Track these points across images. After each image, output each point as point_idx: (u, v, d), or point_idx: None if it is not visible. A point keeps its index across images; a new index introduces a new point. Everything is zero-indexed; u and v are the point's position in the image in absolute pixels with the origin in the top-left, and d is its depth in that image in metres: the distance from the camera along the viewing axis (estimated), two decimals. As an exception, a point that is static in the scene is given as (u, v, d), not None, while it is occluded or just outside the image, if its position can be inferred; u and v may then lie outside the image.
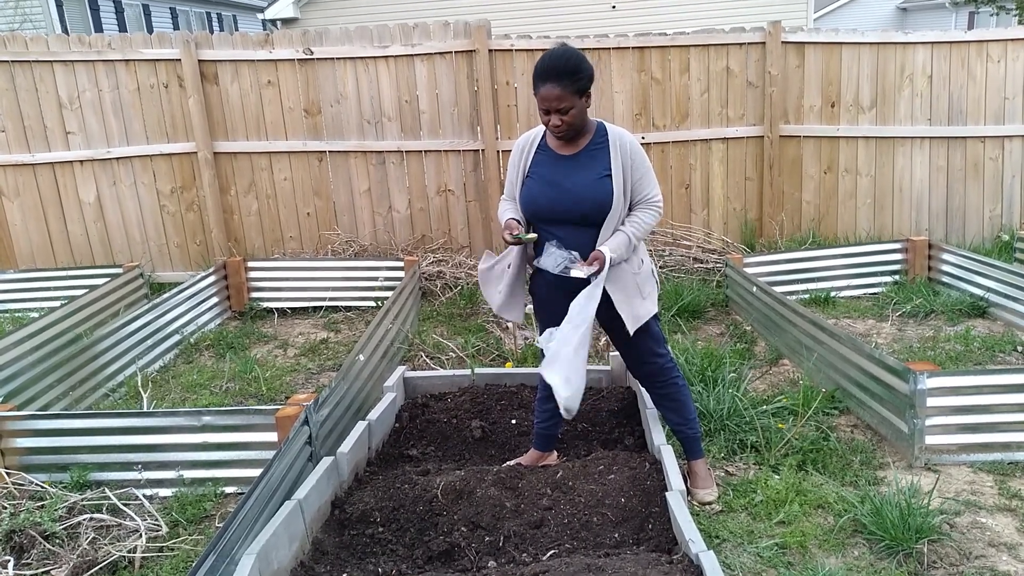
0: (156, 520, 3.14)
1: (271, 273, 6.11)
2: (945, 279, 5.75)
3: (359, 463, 3.25)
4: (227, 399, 4.47)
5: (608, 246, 2.83)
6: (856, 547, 2.89)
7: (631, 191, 2.91)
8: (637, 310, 2.94)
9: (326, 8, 14.09)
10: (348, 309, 5.99)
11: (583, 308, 2.81)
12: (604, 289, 2.85)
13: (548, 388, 3.17)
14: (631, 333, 2.96)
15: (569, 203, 2.87)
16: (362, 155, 6.53)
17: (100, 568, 2.84)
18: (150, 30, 18.37)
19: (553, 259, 2.81)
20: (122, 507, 3.19)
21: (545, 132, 2.97)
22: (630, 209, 2.93)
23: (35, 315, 5.26)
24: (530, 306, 3.23)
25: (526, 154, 3.00)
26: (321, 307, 5.99)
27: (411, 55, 6.30)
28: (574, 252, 2.81)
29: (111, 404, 4.41)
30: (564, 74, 2.74)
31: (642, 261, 3.01)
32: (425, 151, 6.49)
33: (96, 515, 3.14)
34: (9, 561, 2.88)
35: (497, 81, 6.33)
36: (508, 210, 3.04)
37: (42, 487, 3.34)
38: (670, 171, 6.57)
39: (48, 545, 2.96)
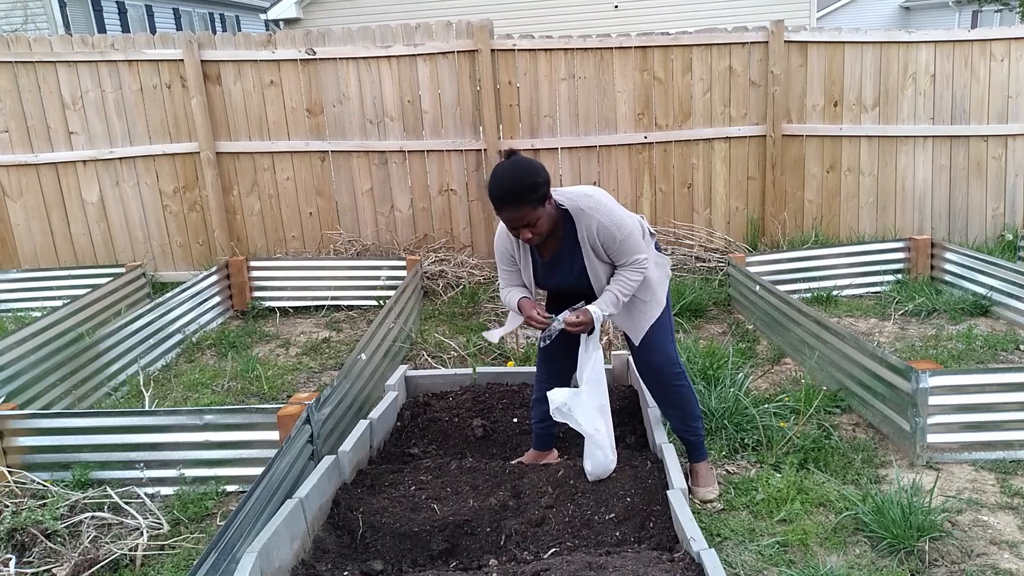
0: (158, 518, 3.15)
1: (273, 272, 6.12)
2: (948, 278, 5.74)
3: (360, 462, 3.25)
4: (229, 398, 4.48)
5: (597, 305, 2.89)
6: (858, 545, 2.89)
7: (611, 259, 2.92)
8: (636, 323, 3.06)
9: (328, 8, 14.12)
10: (350, 308, 6.00)
11: (592, 370, 2.96)
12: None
13: (542, 389, 3.22)
14: (636, 343, 3.09)
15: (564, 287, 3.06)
16: (364, 155, 6.53)
17: (102, 566, 2.85)
18: (153, 30, 18.39)
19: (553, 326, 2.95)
20: (124, 505, 3.20)
21: None
22: (617, 267, 2.93)
23: (38, 314, 5.27)
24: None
25: (521, 248, 2.99)
26: (323, 306, 6.00)
27: (413, 55, 6.30)
28: (564, 314, 2.91)
29: (113, 403, 4.42)
30: (520, 195, 2.69)
31: (654, 294, 3.05)
32: (427, 151, 6.50)
33: (98, 513, 3.15)
34: (11, 559, 2.88)
35: (499, 81, 6.33)
36: (516, 292, 3.06)
37: (44, 485, 3.35)
38: (672, 170, 6.56)
39: (50, 543, 2.96)
